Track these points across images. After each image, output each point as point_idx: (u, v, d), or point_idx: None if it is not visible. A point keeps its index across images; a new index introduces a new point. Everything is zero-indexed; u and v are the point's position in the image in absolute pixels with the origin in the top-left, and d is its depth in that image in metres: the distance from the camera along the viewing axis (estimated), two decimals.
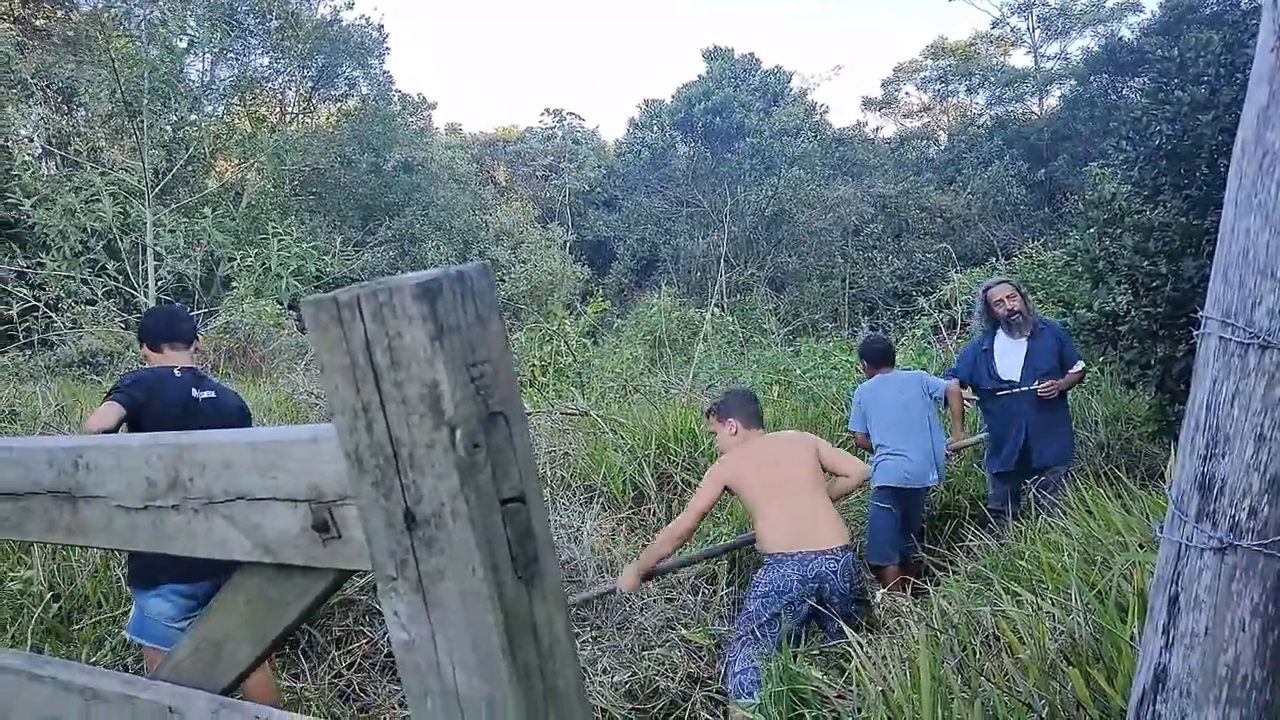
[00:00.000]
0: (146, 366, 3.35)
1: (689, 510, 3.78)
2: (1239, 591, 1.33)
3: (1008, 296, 4.97)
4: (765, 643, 3.38)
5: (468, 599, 0.72)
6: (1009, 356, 4.94)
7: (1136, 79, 21.58)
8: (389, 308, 0.69)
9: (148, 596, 3.01)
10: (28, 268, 7.97)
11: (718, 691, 3.65)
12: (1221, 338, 1.35)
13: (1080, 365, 4.89)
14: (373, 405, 0.72)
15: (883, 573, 4.70)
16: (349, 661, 3.92)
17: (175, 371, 3.25)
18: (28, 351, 9.48)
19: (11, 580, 4.00)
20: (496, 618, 0.71)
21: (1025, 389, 4.80)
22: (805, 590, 3.50)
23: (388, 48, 25.94)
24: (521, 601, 0.74)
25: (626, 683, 3.69)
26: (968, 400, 5.34)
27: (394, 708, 3.62)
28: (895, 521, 4.73)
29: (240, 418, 3.38)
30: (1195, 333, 1.44)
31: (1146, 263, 5.05)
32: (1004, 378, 4.92)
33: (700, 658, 3.93)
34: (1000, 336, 5.01)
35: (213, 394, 3.31)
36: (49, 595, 3.94)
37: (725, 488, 3.79)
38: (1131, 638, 2.16)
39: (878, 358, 5.21)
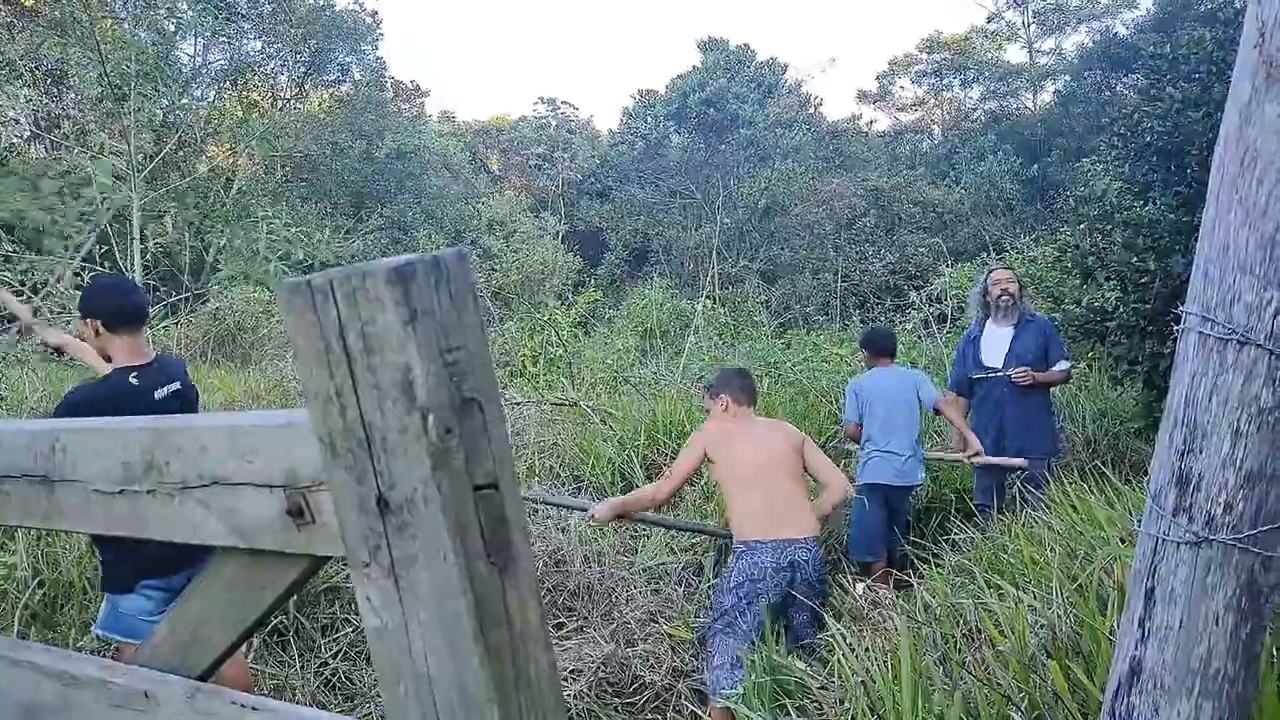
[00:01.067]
0: (96, 379, 2.96)
1: (672, 473, 3.80)
2: (1213, 585, 1.34)
3: (1006, 279, 5.01)
4: (743, 634, 3.39)
5: (439, 585, 0.72)
6: (994, 344, 4.97)
7: (1130, 75, 21.60)
8: (362, 292, 0.69)
9: (123, 597, 2.90)
10: (13, 252, 7.92)
11: (701, 683, 3.66)
12: (1201, 333, 1.36)
13: (1064, 365, 4.88)
14: (346, 390, 0.72)
15: (868, 568, 4.72)
16: (335, 649, 3.92)
17: (132, 379, 2.82)
18: (15, 336, 9.43)
19: None
20: (468, 603, 0.72)
21: (1004, 374, 4.83)
22: (779, 578, 3.48)
23: (381, 34, 25.78)
24: (493, 588, 0.74)
25: (608, 676, 3.69)
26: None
27: (378, 697, 3.62)
28: (882, 519, 4.74)
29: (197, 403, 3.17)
30: (1178, 328, 1.45)
31: (1135, 259, 5.08)
32: (986, 364, 4.95)
33: (685, 650, 3.94)
34: (989, 325, 5.04)
35: (177, 386, 2.99)
36: (34, 581, 3.92)
37: (706, 456, 3.77)
38: (1111, 631, 2.18)
39: (881, 348, 5.16)
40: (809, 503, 3.71)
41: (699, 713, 3.42)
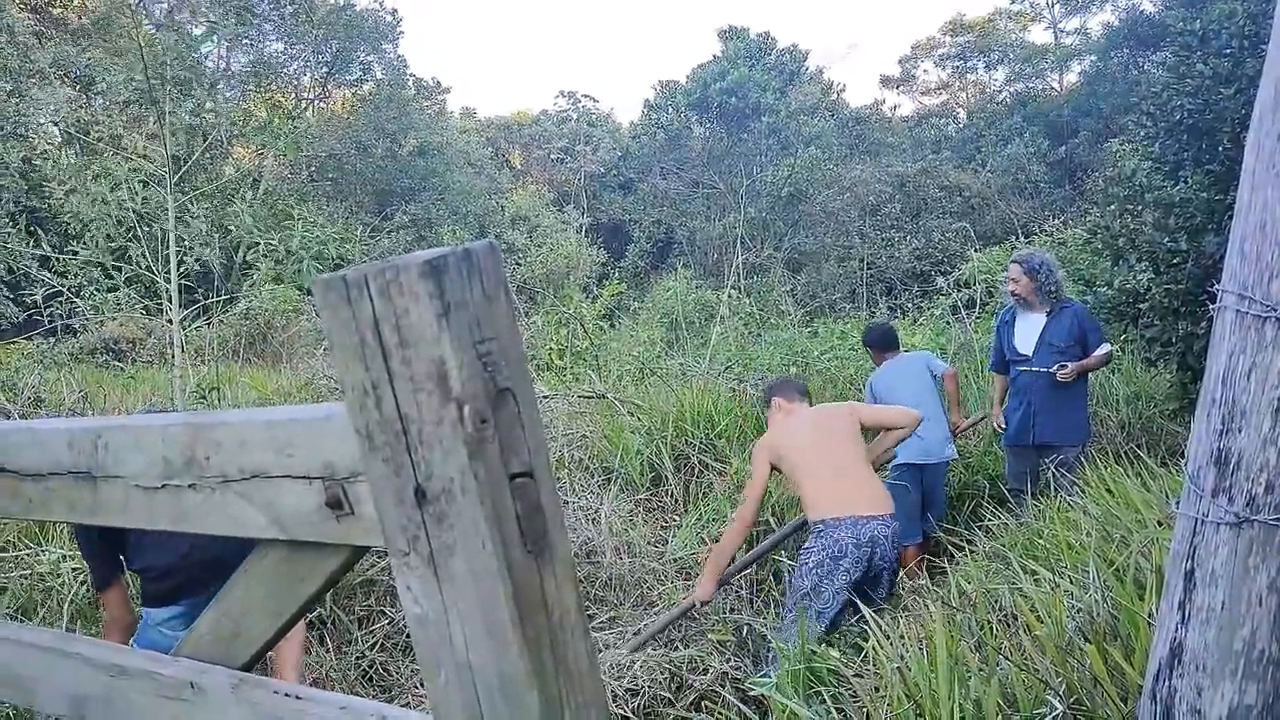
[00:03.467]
0: None
1: (746, 500, 3.78)
2: (1255, 566, 1.32)
3: (1011, 278, 4.94)
4: (821, 612, 3.41)
5: (478, 573, 0.73)
6: (1026, 331, 4.92)
7: (1158, 54, 21.21)
8: (396, 285, 0.70)
9: (164, 610, 2.94)
10: (51, 254, 8.05)
11: (742, 684, 3.54)
12: (1238, 311, 1.34)
13: (1105, 349, 4.81)
14: (382, 383, 0.73)
15: (904, 553, 4.71)
16: (371, 642, 3.96)
17: None
18: (52, 339, 9.60)
19: (40, 562, 4.07)
20: (506, 591, 0.72)
21: (1037, 368, 4.77)
22: (860, 554, 3.50)
23: (401, 32, 25.92)
24: (531, 575, 0.75)
25: (654, 677, 3.63)
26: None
27: (415, 688, 3.66)
28: (917, 499, 4.76)
29: None
30: (1213, 308, 1.43)
31: (1167, 239, 4.99)
32: (1019, 351, 4.91)
33: (725, 651, 3.89)
34: (1020, 311, 4.99)
35: None
36: (75, 579, 4.00)
37: (773, 466, 3.79)
38: (1149, 615, 2.15)
39: (882, 342, 5.30)
40: (879, 481, 3.77)
41: (747, 712, 3.37)
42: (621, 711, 3.36)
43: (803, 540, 3.82)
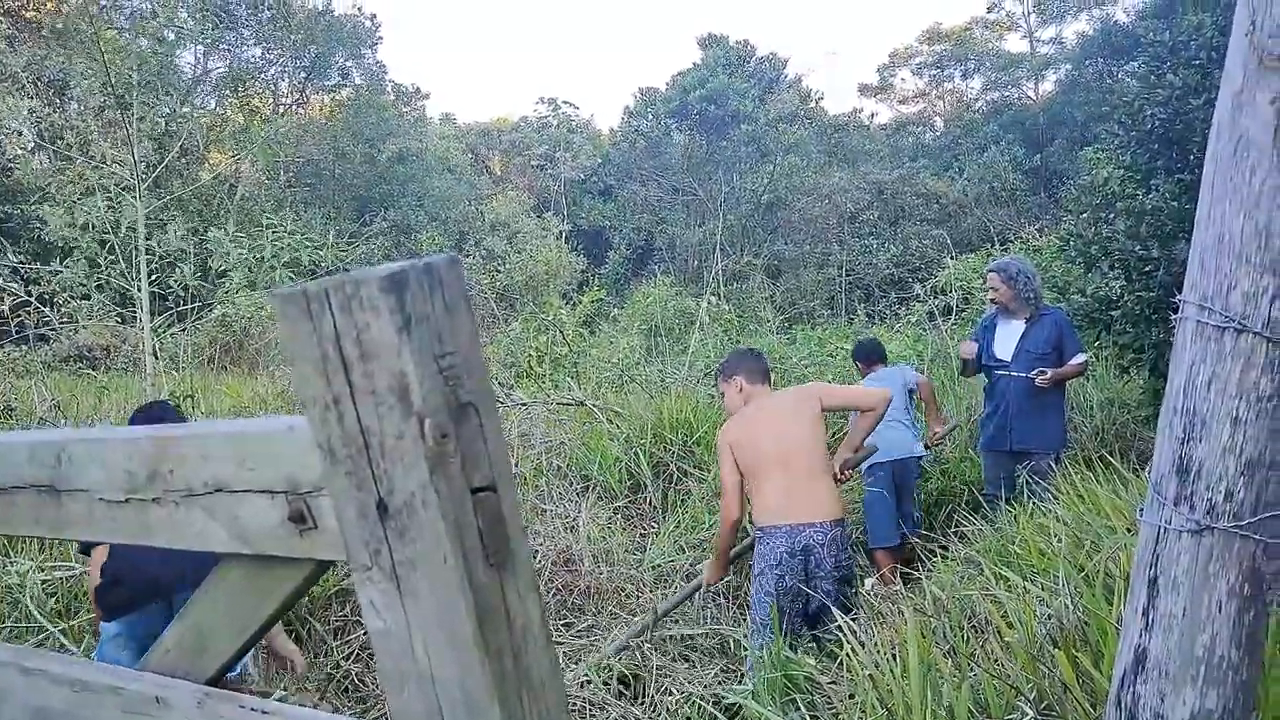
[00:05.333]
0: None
1: (724, 493, 3.70)
2: (1216, 573, 1.34)
3: (991, 286, 4.98)
4: (762, 623, 3.41)
5: (439, 587, 0.73)
6: (1005, 337, 4.96)
7: (1131, 63, 21.50)
8: (356, 300, 0.70)
9: (124, 621, 2.90)
10: (21, 263, 7.97)
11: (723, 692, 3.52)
12: (1199, 321, 1.36)
13: (1081, 358, 4.86)
14: (343, 397, 0.73)
15: (879, 557, 4.74)
16: (346, 652, 3.94)
17: None
18: (23, 346, 9.48)
19: (8, 574, 4.01)
20: (468, 604, 0.73)
21: (1014, 373, 4.82)
22: (794, 563, 3.45)
23: (380, 37, 25.84)
24: (493, 588, 0.75)
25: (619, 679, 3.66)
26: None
27: None
28: (891, 502, 4.80)
29: None
30: (1174, 318, 1.45)
31: (1139, 247, 5.06)
32: (998, 356, 4.95)
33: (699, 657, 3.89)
34: (1001, 316, 5.03)
35: None
36: (46, 590, 3.95)
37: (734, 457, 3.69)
38: (1118, 620, 2.18)
39: (875, 356, 5.50)
40: (830, 487, 3.64)
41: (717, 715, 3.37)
42: None
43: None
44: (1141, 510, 1.48)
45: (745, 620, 4.12)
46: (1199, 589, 1.35)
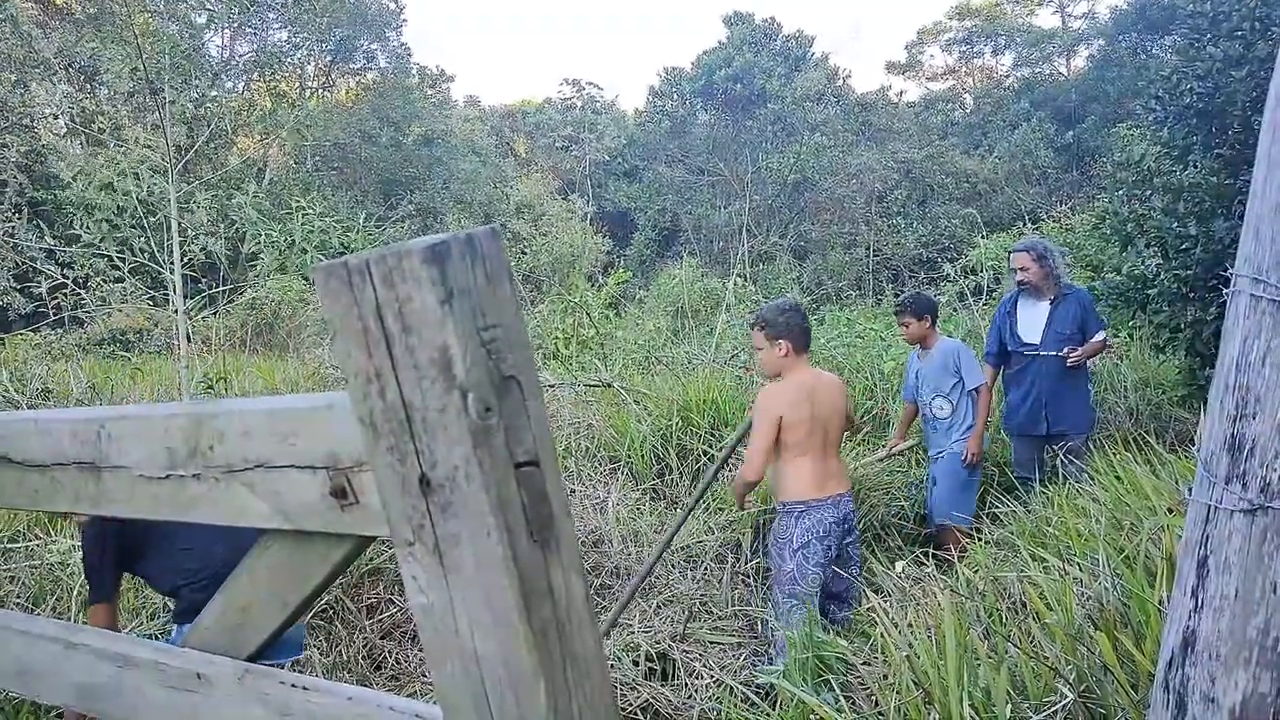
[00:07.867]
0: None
1: (753, 454, 3.61)
2: (1270, 554, 1.31)
3: (1020, 266, 4.88)
4: (806, 594, 3.43)
5: (483, 562, 0.72)
6: (1031, 319, 4.88)
7: (1167, 37, 21.02)
8: (398, 272, 0.69)
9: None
10: (56, 245, 8.07)
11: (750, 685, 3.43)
12: (1253, 295, 1.32)
13: (1101, 335, 4.78)
14: (385, 370, 0.72)
15: (954, 533, 4.56)
16: (380, 630, 3.98)
17: None
18: (59, 330, 9.62)
19: (50, 552, 4.08)
20: (511, 580, 0.71)
21: (1044, 353, 4.74)
22: (839, 531, 3.62)
23: (404, 20, 25.87)
24: (537, 564, 0.74)
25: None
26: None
27: (424, 676, 3.67)
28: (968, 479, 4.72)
29: None
30: (1225, 292, 1.41)
31: (1176, 224, 4.95)
32: (1025, 340, 4.87)
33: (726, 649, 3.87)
34: (1023, 298, 4.95)
35: None
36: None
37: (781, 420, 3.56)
38: (1160, 602, 2.14)
39: (935, 312, 4.91)
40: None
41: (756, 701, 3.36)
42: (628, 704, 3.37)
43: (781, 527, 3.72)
44: (1190, 489, 1.44)
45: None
46: (1252, 570, 1.32)
